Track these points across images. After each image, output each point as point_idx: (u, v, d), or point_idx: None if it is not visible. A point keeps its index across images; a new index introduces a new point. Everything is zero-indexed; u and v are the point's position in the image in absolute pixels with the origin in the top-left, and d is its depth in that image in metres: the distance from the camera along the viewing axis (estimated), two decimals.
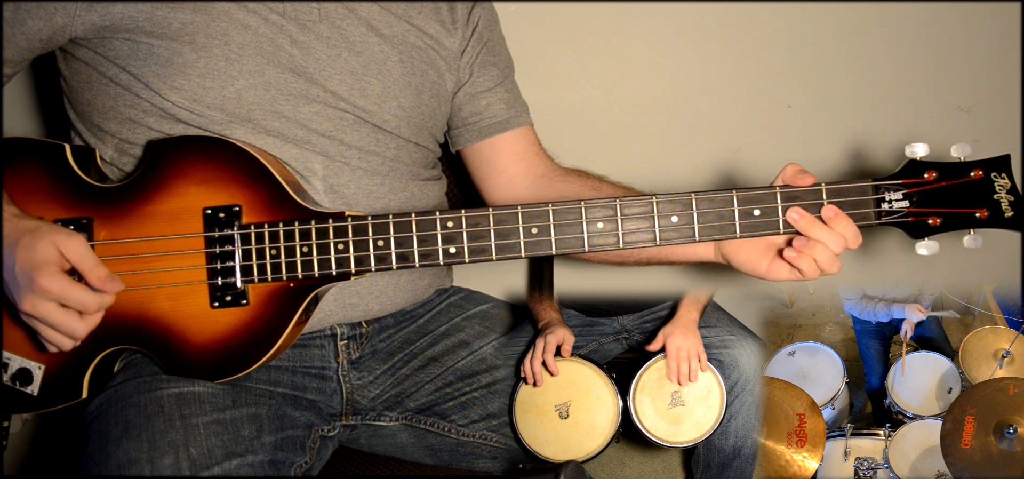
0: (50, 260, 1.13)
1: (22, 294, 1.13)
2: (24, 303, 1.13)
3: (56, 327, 1.15)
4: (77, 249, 1.15)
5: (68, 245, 1.15)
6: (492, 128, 1.48)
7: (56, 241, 1.14)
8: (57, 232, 1.15)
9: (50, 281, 1.12)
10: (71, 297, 1.13)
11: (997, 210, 1.11)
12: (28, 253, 1.13)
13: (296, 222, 1.20)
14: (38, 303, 1.12)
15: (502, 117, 1.48)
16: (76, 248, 1.15)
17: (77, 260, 1.15)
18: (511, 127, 1.48)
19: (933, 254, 1.13)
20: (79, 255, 1.15)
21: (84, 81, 1.28)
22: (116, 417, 1.21)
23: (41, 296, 1.12)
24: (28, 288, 1.12)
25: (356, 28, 1.33)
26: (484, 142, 1.49)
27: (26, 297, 1.12)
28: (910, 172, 1.13)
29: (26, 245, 1.13)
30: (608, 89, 1.90)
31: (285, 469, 1.24)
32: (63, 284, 1.13)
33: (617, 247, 1.16)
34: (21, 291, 1.13)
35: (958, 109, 1.90)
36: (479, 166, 1.51)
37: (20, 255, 1.13)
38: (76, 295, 1.14)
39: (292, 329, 1.22)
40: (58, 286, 1.12)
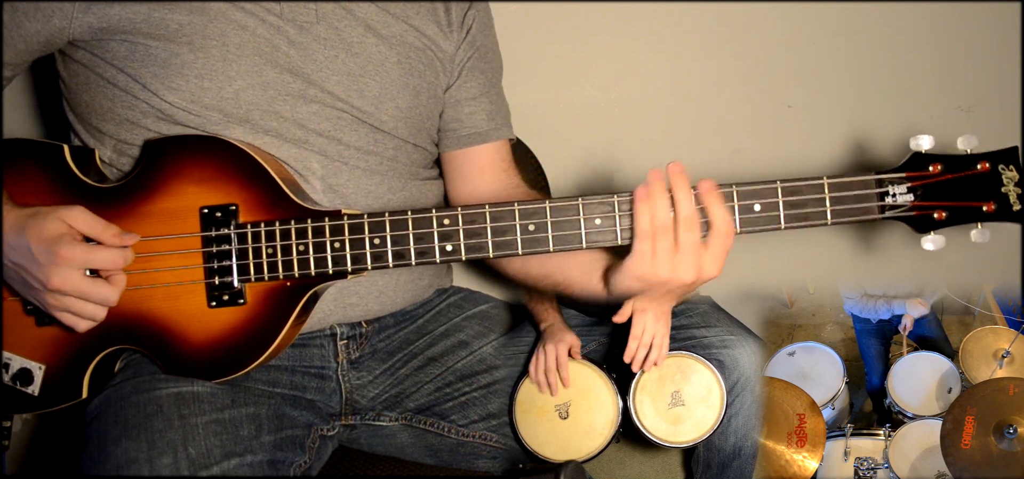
0: (64, 232, 1.15)
1: (47, 271, 1.14)
2: (53, 279, 1.13)
3: (87, 296, 1.16)
4: (82, 217, 1.17)
5: (73, 216, 1.16)
6: (471, 138, 1.47)
7: (60, 215, 1.16)
8: (58, 208, 1.17)
9: (71, 250, 1.14)
10: (96, 258, 1.16)
11: (1005, 203, 1.09)
12: (39, 232, 1.14)
13: (292, 221, 1.20)
14: (66, 274, 1.14)
15: (481, 129, 1.48)
16: (81, 216, 1.17)
17: (86, 227, 1.17)
18: (488, 140, 1.48)
19: (939, 249, 1.11)
20: (86, 222, 1.17)
21: (82, 83, 1.28)
22: (115, 417, 1.21)
23: (68, 267, 1.13)
24: (51, 263, 1.13)
25: (354, 29, 1.34)
26: (459, 151, 1.49)
27: (53, 272, 1.13)
28: (914, 165, 1.11)
29: (34, 226, 1.15)
30: (608, 89, 1.90)
31: (284, 469, 1.24)
32: (85, 249, 1.15)
33: (615, 243, 1.16)
34: (45, 268, 1.14)
35: (958, 109, 1.90)
36: (449, 170, 1.52)
37: (32, 236, 1.14)
38: (101, 256, 1.16)
39: (290, 328, 1.22)
40: (81, 252, 1.14)
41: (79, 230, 1.17)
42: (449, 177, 1.52)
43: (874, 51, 1.88)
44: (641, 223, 1.12)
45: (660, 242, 1.12)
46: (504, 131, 1.51)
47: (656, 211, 1.11)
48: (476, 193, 1.49)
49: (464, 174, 1.50)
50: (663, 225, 1.12)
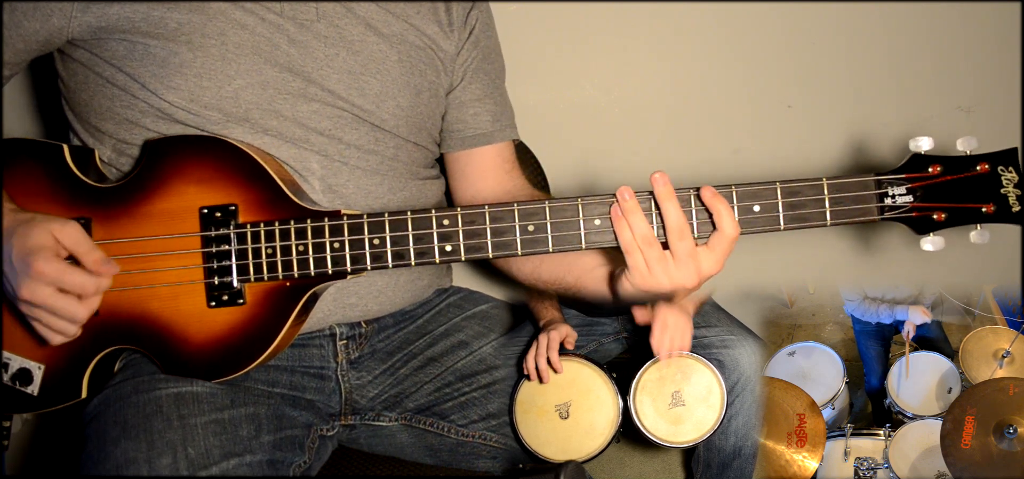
0: (45, 245, 1.14)
1: (20, 281, 1.13)
2: (22, 290, 1.13)
3: (55, 312, 1.15)
4: (72, 235, 1.16)
5: (63, 231, 1.16)
6: (475, 139, 1.48)
7: (51, 229, 1.15)
8: (52, 220, 1.16)
9: (46, 265, 1.12)
10: (67, 280, 1.14)
11: (1004, 204, 1.09)
12: (24, 241, 1.14)
13: (292, 221, 1.20)
14: (36, 288, 1.13)
15: (486, 130, 1.48)
16: (71, 234, 1.16)
17: (72, 245, 1.16)
18: (493, 141, 1.49)
19: (938, 250, 1.12)
20: (74, 240, 1.16)
21: (81, 82, 1.28)
22: (115, 417, 1.21)
23: (38, 281, 1.12)
24: (24, 274, 1.13)
25: (354, 27, 1.33)
26: (462, 152, 1.49)
27: (24, 284, 1.13)
28: (914, 166, 1.11)
29: (22, 234, 1.14)
30: (608, 89, 1.91)
31: (284, 469, 1.24)
32: (59, 267, 1.14)
33: (615, 244, 1.16)
34: (18, 278, 1.13)
35: (958, 109, 1.90)
36: (452, 171, 1.52)
37: (16, 243, 1.14)
38: (72, 278, 1.14)
39: (289, 328, 1.22)
40: (54, 269, 1.13)
41: (65, 247, 1.16)
42: (453, 178, 1.52)
43: (874, 51, 1.88)
44: (623, 239, 1.14)
45: (649, 253, 1.13)
46: (508, 132, 1.51)
47: (635, 227, 1.13)
48: (480, 194, 1.50)
49: (468, 175, 1.50)
50: (644, 238, 1.13)
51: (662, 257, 1.13)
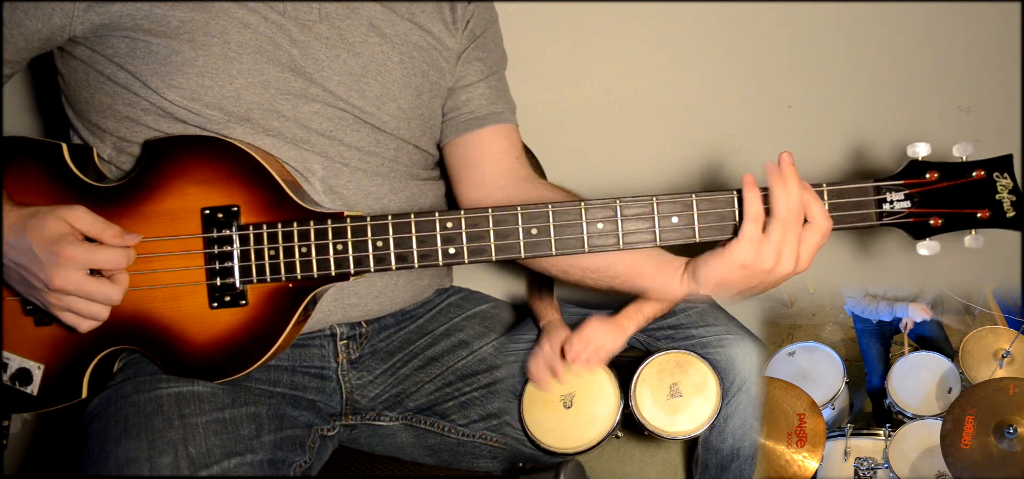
0: (65, 232, 1.14)
1: (49, 271, 1.13)
2: (55, 279, 1.13)
3: (91, 296, 1.16)
4: (83, 216, 1.16)
5: (73, 215, 1.16)
6: (470, 123, 1.44)
7: (61, 215, 1.15)
8: (58, 207, 1.16)
9: (73, 249, 1.13)
10: (98, 258, 1.15)
11: (999, 210, 1.11)
12: (40, 232, 1.14)
13: (295, 222, 1.20)
14: (69, 275, 1.13)
15: (481, 112, 1.45)
16: (82, 216, 1.16)
17: (86, 226, 1.16)
18: (489, 123, 1.45)
19: (934, 254, 1.13)
20: (87, 221, 1.16)
21: (82, 79, 1.28)
22: (115, 416, 1.21)
23: (70, 267, 1.13)
24: (53, 263, 1.13)
25: (357, 28, 1.33)
26: (461, 138, 1.45)
27: (55, 273, 1.13)
28: (912, 172, 1.13)
29: (35, 226, 1.14)
30: (608, 89, 1.90)
31: (284, 468, 1.24)
32: (87, 248, 1.15)
33: (617, 247, 1.16)
34: (47, 268, 1.13)
35: (958, 109, 1.90)
36: (455, 163, 1.48)
37: (33, 236, 1.14)
38: (103, 256, 1.16)
39: (291, 329, 1.22)
40: (82, 252, 1.14)
41: (80, 229, 1.16)
42: (457, 173, 1.48)
43: (874, 51, 1.88)
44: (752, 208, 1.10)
45: (773, 228, 1.09)
46: (508, 116, 1.48)
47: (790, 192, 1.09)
48: (486, 183, 1.45)
49: (472, 162, 1.45)
50: (789, 211, 1.09)
51: (780, 236, 1.09)
